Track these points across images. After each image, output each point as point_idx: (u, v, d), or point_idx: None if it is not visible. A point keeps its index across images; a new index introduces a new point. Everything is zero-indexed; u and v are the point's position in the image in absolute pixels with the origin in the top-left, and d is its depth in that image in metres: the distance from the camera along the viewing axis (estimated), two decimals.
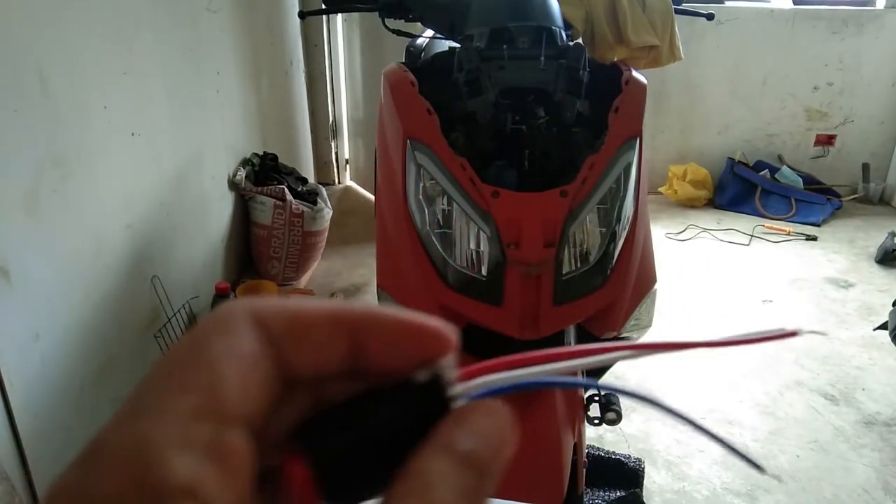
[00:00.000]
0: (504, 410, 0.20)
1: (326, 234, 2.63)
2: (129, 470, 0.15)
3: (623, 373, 2.09)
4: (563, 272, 1.00)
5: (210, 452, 0.16)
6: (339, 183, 3.80)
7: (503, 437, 0.19)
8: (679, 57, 1.38)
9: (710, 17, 1.52)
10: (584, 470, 1.13)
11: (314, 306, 0.19)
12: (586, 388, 1.26)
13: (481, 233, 0.99)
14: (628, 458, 1.65)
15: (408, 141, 1.05)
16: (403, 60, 1.34)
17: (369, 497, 0.19)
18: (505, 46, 1.10)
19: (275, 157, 2.65)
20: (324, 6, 1.53)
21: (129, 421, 0.16)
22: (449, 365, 0.20)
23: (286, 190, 2.43)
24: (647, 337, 1.26)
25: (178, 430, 0.16)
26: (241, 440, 0.17)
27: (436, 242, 1.03)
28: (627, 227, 1.07)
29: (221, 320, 0.18)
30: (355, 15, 3.32)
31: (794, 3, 3.62)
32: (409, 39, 1.51)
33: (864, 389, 2.07)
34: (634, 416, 1.91)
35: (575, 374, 0.22)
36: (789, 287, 2.77)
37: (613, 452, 1.68)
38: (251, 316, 0.18)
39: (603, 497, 1.54)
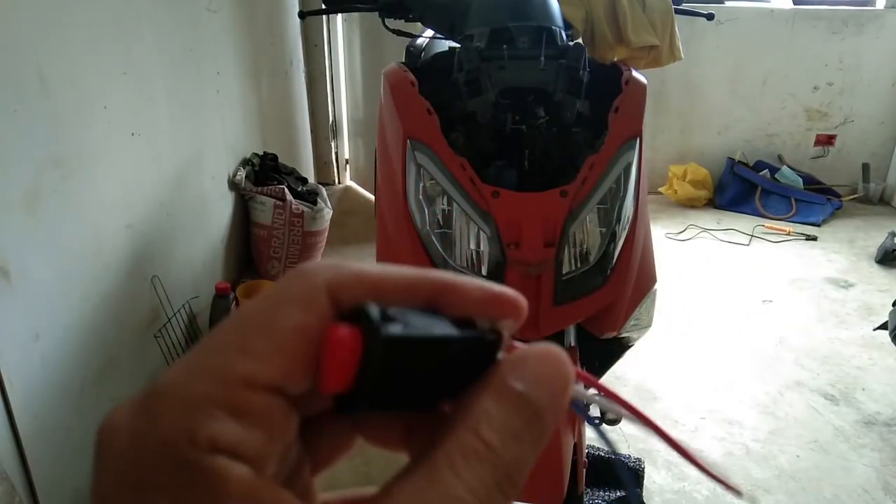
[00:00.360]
0: (562, 357, 0.19)
1: (326, 234, 2.63)
2: (182, 423, 0.16)
3: (623, 373, 2.09)
4: (563, 272, 1.00)
5: (257, 421, 0.17)
6: (339, 183, 3.80)
7: (560, 384, 0.19)
8: (679, 57, 1.38)
9: (710, 17, 1.52)
10: (584, 470, 1.13)
11: (392, 275, 0.19)
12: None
13: (481, 233, 0.99)
14: (628, 458, 1.65)
15: (408, 141, 1.05)
16: (403, 60, 1.34)
17: (386, 408, 0.19)
18: (505, 46, 1.10)
19: (275, 157, 2.65)
20: (324, 6, 1.53)
21: (193, 375, 0.17)
22: (508, 328, 0.20)
23: (286, 190, 2.43)
24: (647, 337, 1.26)
25: (233, 395, 0.16)
26: (289, 412, 0.18)
27: (436, 242, 1.03)
28: (627, 227, 1.07)
29: (302, 290, 0.18)
30: (355, 15, 3.32)
31: (794, 3, 3.62)
32: (409, 39, 1.51)
33: (864, 389, 2.07)
34: None
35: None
36: (789, 287, 2.77)
37: (613, 452, 1.68)
38: (329, 290, 0.18)
39: (603, 497, 1.54)
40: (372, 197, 3.28)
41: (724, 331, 2.40)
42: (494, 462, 0.17)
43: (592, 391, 0.22)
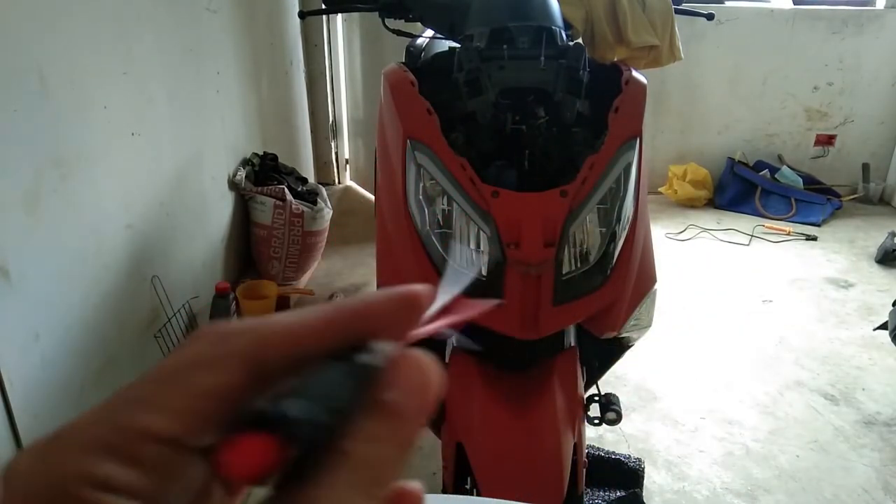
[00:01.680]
0: (426, 360, 0.21)
1: (326, 234, 2.63)
2: (80, 466, 0.17)
3: (623, 373, 2.09)
4: (564, 272, 1.00)
5: (149, 468, 0.18)
6: (338, 183, 3.80)
7: (426, 386, 0.21)
8: (679, 57, 1.38)
9: (710, 17, 1.52)
10: (584, 470, 1.13)
11: (307, 324, 0.20)
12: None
13: (481, 233, 0.99)
14: (628, 458, 1.65)
15: (408, 141, 1.05)
16: (403, 60, 1.34)
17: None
18: (505, 46, 1.10)
19: (275, 157, 2.65)
20: (324, 6, 1.53)
21: (95, 423, 0.19)
22: (383, 345, 0.21)
23: (286, 190, 2.43)
24: (647, 337, 1.26)
25: (128, 444, 0.18)
26: (186, 458, 0.19)
27: (436, 242, 1.03)
28: (627, 227, 1.07)
29: (219, 355, 0.20)
30: (355, 15, 3.32)
31: (794, 3, 3.62)
32: (409, 39, 1.51)
33: (863, 389, 2.07)
34: (634, 416, 1.91)
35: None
36: (789, 287, 2.77)
37: (613, 452, 1.68)
38: (244, 356, 0.19)
39: (603, 497, 1.54)
40: (372, 197, 3.28)
41: (724, 331, 2.40)
42: (355, 467, 0.19)
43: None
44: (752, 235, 3.29)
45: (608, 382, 1.99)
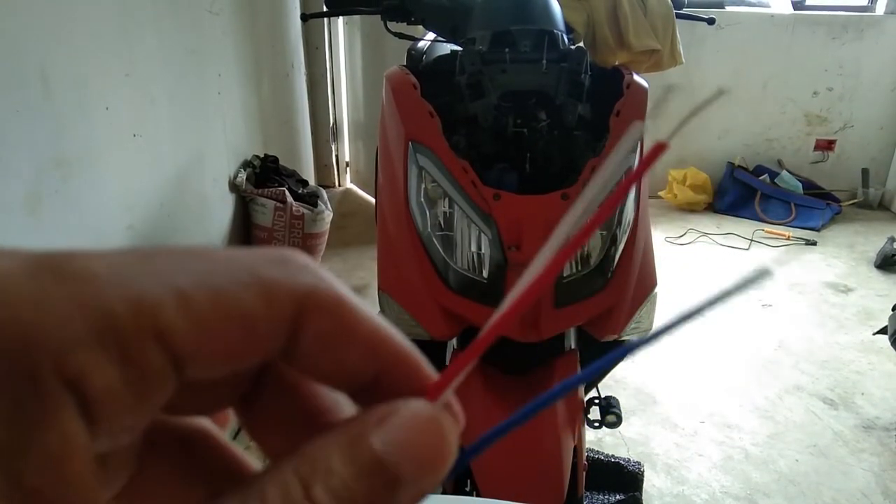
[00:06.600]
0: (446, 429, 0.15)
1: (326, 236, 2.64)
2: (64, 332, 0.12)
3: (623, 376, 2.09)
4: (564, 275, 1.00)
5: (139, 384, 0.12)
6: (339, 185, 3.80)
7: (433, 460, 0.14)
8: (680, 61, 1.39)
9: (710, 21, 1.53)
10: (584, 473, 1.13)
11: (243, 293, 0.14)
12: (586, 388, 1.26)
13: (482, 235, 0.99)
14: (628, 462, 1.65)
15: (410, 143, 1.05)
16: (405, 63, 1.35)
17: None
18: (507, 49, 1.10)
19: (275, 159, 2.66)
20: (325, 9, 1.54)
21: (123, 283, 0.13)
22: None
23: (287, 192, 2.43)
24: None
25: (138, 339, 0.12)
26: (164, 362, 0.13)
27: (437, 244, 1.03)
28: (628, 231, 1.07)
29: (300, 265, 0.16)
30: (356, 18, 3.33)
31: (795, 9, 3.63)
32: (411, 42, 1.51)
33: (863, 394, 2.07)
34: (634, 420, 1.91)
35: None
36: (789, 291, 2.77)
37: (613, 456, 1.68)
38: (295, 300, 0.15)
39: (602, 500, 1.54)
40: (372, 200, 3.29)
41: (724, 335, 2.41)
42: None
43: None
44: (751, 240, 3.29)
45: (608, 386, 1.99)
